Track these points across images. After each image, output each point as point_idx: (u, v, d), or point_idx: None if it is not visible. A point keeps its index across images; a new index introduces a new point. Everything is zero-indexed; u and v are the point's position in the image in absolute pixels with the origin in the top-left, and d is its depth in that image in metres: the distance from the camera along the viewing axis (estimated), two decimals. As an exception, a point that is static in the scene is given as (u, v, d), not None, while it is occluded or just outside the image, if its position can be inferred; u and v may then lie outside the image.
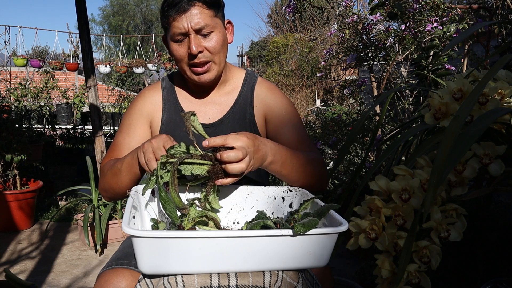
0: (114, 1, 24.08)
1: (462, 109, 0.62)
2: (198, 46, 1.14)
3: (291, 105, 1.31)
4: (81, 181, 4.00)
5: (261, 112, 1.28)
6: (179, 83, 1.32)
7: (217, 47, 1.17)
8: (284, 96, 1.32)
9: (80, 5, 3.00)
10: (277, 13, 13.46)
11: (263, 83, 1.32)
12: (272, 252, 0.80)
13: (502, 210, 1.58)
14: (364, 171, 2.58)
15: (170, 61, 7.99)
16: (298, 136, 1.22)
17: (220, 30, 1.18)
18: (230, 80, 1.31)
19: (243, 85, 1.30)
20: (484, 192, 0.76)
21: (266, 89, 1.30)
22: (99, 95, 3.45)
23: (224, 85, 1.30)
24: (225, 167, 0.91)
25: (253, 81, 1.31)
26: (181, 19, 1.13)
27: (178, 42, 1.17)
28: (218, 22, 1.18)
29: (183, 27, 1.13)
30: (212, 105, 1.28)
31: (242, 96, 1.29)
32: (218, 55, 1.18)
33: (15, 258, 2.73)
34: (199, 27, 1.13)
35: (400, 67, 2.96)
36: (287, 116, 1.26)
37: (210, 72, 1.19)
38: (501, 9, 2.59)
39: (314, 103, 8.90)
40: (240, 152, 0.90)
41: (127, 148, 1.23)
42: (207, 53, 1.16)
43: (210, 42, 1.16)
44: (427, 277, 0.70)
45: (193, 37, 1.14)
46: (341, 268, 2.53)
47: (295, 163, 1.06)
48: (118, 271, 1.00)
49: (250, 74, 1.34)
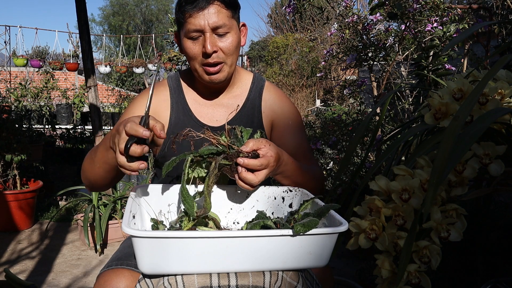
0: (114, 1, 24.07)
1: (462, 109, 0.62)
2: (213, 46, 1.12)
3: (297, 114, 1.31)
4: (81, 181, 3.99)
5: (269, 118, 1.28)
6: (187, 84, 1.30)
7: (232, 49, 1.16)
8: (291, 103, 1.32)
9: (80, 5, 3.00)
10: (277, 13, 13.46)
11: (271, 88, 1.32)
12: (272, 252, 0.80)
13: (502, 210, 1.58)
14: (364, 171, 2.58)
15: (170, 61, 7.98)
16: (301, 148, 1.24)
17: (235, 32, 1.17)
18: (238, 83, 1.30)
19: (251, 88, 1.30)
20: (484, 192, 0.76)
21: (274, 95, 1.30)
22: (99, 95, 3.45)
23: (232, 88, 1.29)
24: (241, 173, 0.94)
25: (260, 85, 1.30)
26: (199, 16, 1.11)
27: (193, 39, 1.14)
28: (234, 23, 1.17)
29: (200, 24, 1.11)
30: (220, 108, 1.27)
31: (250, 100, 1.28)
32: (231, 57, 1.17)
33: (15, 258, 2.73)
34: (216, 25, 1.12)
35: (400, 67, 2.96)
36: (292, 126, 1.27)
37: (221, 73, 1.18)
38: (501, 9, 2.59)
39: (314, 103, 8.90)
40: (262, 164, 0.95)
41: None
42: (221, 53, 1.15)
43: (225, 42, 1.14)
44: (427, 277, 0.70)
45: (208, 35, 1.12)
46: (341, 268, 2.53)
47: (299, 182, 1.10)
48: (118, 271, 1.00)
49: (258, 77, 1.33)
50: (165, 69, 8.23)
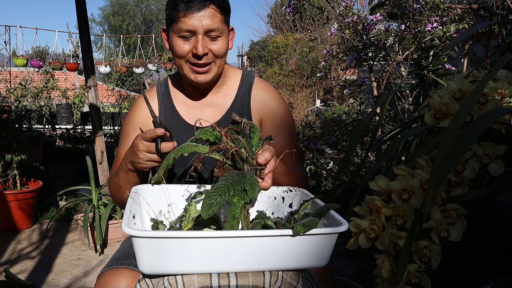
0: (114, 1, 24.07)
1: (462, 109, 0.62)
2: (204, 48, 1.13)
3: (287, 112, 1.29)
4: (81, 181, 4.00)
5: (257, 116, 1.27)
6: (175, 87, 1.31)
7: (222, 51, 1.17)
8: (281, 101, 1.30)
9: (80, 5, 3.00)
10: (277, 13, 13.46)
11: (260, 84, 1.30)
12: (272, 252, 0.80)
13: (502, 210, 1.58)
14: (364, 171, 2.58)
15: (170, 61, 7.99)
16: (288, 148, 1.20)
17: (226, 36, 1.18)
18: (227, 81, 1.30)
19: (239, 86, 1.29)
20: (484, 192, 0.76)
21: (263, 92, 1.29)
22: (99, 95, 3.45)
23: (221, 87, 1.29)
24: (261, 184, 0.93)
25: (250, 82, 1.29)
26: (193, 17, 1.11)
27: (183, 38, 1.15)
28: (225, 27, 1.18)
29: (193, 25, 1.12)
30: (209, 108, 1.27)
31: (239, 98, 1.28)
32: (220, 59, 1.18)
33: (15, 258, 2.73)
34: (209, 28, 1.12)
35: (400, 67, 2.96)
36: (281, 125, 1.26)
37: (209, 74, 1.18)
38: (501, 9, 2.59)
39: (314, 103, 8.90)
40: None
41: None
42: (211, 55, 1.16)
43: (216, 45, 1.15)
44: (427, 277, 0.70)
45: (201, 37, 1.13)
46: (341, 268, 2.53)
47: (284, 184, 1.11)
48: (118, 271, 1.00)
49: (246, 74, 1.32)
50: (165, 69, 8.23)
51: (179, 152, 0.93)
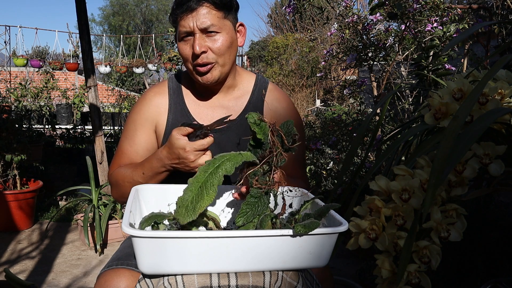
0: (114, 1, 24.06)
1: (462, 109, 0.62)
2: (201, 46, 1.13)
3: (299, 124, 1.28)
4: (81, 181, 4.00)
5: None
6: (187, 85, 1.30)
7: (222, 49, 1.15)
8: (293, 109, 1.30)
9: (80, 5, 3.00)
10: (277, 13, 13.46)
11: (274, 91, 1.30)
12: (272, 252, 0.80)
13: (502, 210, 1.58)
14: (364, 171, 2.58)
15: (170, 61, 7.99)
16: (294, 158, 1.19)
17: (227, 32, 1.16)
18: (239, 84, 1.29)
19: (253, 90, 1.28)
20: (484, 192, 0.76)
21: (277, 102, 1.28)
22: (99, 95, 3.45)
23: (233, 90, 1.28)
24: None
25: (263, 87, 1.29)
26: (188, 18, 1.12)
27: (184, 41, 1.16)
28: (227, 23, 1.17)
29: (189, 26, 1.13)
30: (219, 109, 1.26)
31: (252, 103, 1.27)
32: (222, 57, 1.17)
33: (15, 258, 2.73)
34: (204, 26, 1.12)
35: (400, 67, 2.96)
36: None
37: (212, 73, 1.17)
38: (501, 9, 2.59)
39: (314, 103, 8.90)
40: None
41: (134, 155, 1.23)
42: (210, 53, 1.15)
43: (215, 43, 1.15)
44: (427, 277, 0.70)
45: (197, 36, 1.13)
46: (341, 268, 2.53)
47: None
48: (118, 271, 1.00)
49: (260, 79, 1.32)
50: (165, 69, 8.23)
51: (226, 165, 0.88)
